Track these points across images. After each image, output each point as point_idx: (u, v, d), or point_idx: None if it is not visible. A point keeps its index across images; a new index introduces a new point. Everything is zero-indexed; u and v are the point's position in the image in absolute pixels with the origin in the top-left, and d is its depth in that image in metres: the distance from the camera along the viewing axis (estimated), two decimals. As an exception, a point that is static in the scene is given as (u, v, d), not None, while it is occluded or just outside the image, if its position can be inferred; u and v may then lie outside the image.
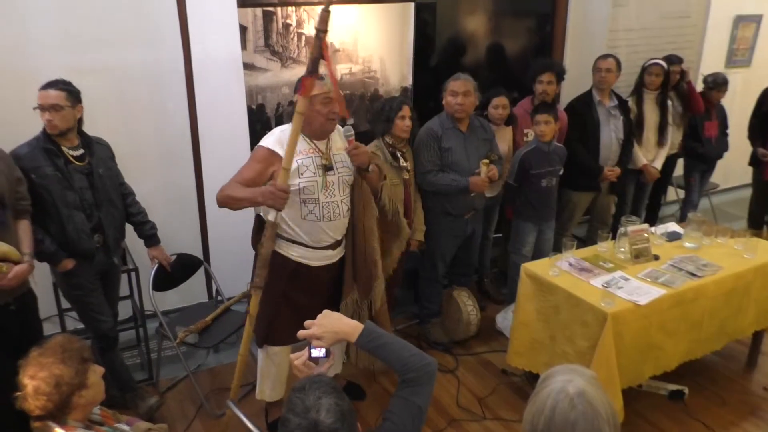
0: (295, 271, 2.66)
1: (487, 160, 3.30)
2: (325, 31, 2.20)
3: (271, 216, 2.45)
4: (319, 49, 2.21)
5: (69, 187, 2.62)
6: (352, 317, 2.48)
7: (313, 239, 2.62)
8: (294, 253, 2.65)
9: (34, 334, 2.58)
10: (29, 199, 2.54)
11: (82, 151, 2.68)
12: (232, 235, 3.42)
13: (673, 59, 4.35)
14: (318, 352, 1.63)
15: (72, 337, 1.85)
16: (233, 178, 2.54)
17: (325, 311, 1.69)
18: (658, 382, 3.17)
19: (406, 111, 3.15)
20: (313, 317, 1.67)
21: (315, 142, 2.60)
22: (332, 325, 1.65)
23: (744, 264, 3.09)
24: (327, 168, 2.56)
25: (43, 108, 2.53)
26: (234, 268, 3.49)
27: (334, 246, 2.69)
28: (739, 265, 3.07)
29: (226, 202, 2.50)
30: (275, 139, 2.57)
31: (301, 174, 2.52)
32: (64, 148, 2.63)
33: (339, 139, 2.68)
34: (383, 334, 1.64)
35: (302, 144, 2.57)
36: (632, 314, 2.71)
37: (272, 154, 2.54)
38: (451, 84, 3.32)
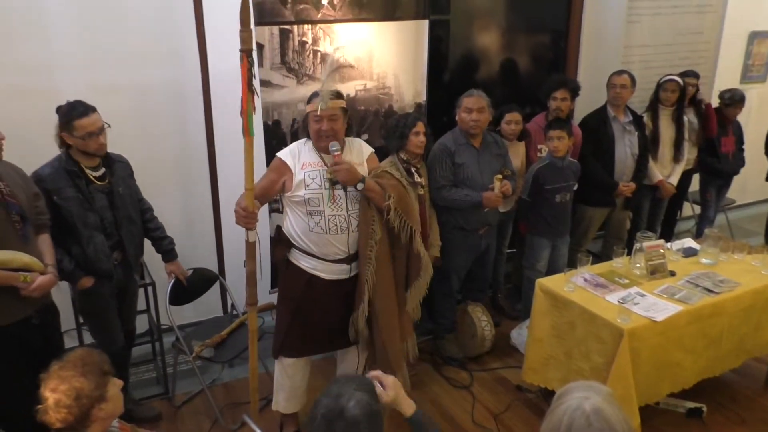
0: (308, 282, 2.69)
1: (500, 176, 3.32)
2: (245, 51, 2.24)
3: (246, 235, 2.50)
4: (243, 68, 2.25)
5: (90, 208, 2.64)
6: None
7: (322, 251, 2.65)
8: (307, 264, 2.69)
9: (56, 347, 2.59)
10: (47, 214, 2.57)
11: (103, 170, 2.71)
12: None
13: (689, 73, 4.37)
14: None
15: (92, 351, 1.88)
16: None
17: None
18: (676, 399, 3.13)
19: (420, 127, 3.18)
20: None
21: (324, 156, 2.64)
22: (398, 390, 1.75)
23: (762, 280, 3.06)
24: (333, 182, 2.59)
25: (93, 133, 2.58)
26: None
27: (348, 260, 2.70)
28: (757, 281, 3.04)
29: None
30: (289, 150, 2.66)
31: (307, 186, 2.58)
32: (86, 169, 2.65)
33: (355, 154, 2.71)
34: (431, 421, 1.80)
35: (312, 157, 2.64)
36: (649, 331, 2.69)
37: (284, 164, 2.62)
38: (465, 100, 3.34)
